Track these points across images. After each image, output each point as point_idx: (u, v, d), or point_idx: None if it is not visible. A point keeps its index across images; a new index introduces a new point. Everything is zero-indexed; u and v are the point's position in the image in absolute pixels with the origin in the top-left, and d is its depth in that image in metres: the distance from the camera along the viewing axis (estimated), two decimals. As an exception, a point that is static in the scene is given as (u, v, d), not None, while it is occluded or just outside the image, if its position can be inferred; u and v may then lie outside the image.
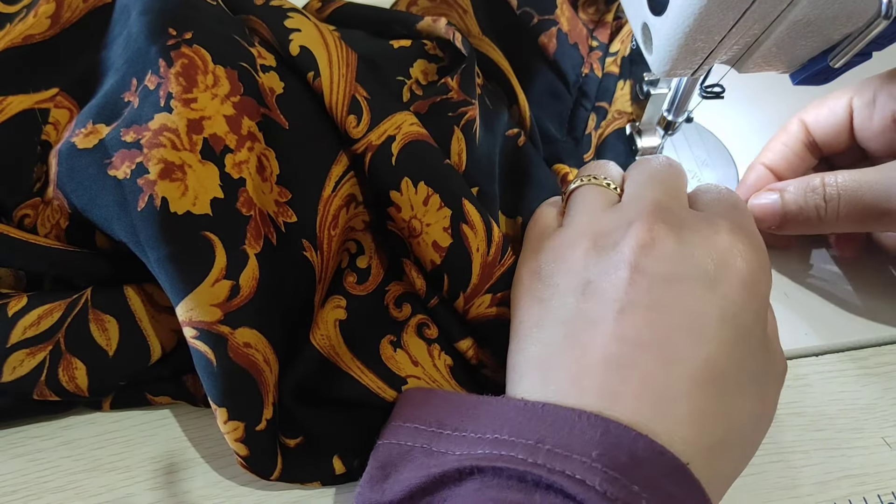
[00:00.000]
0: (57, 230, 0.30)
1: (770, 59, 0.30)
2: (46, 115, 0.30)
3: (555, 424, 0.24)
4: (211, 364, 0.26)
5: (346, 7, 0.38)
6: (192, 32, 0.29)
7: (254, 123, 0.29)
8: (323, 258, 0.30)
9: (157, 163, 0.26)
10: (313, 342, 0.30)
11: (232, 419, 0.26)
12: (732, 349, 0.25)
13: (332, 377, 0.30)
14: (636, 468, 0.22)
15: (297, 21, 0.32)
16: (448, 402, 0.28)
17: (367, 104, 0.30)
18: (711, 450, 0.24)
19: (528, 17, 0.39)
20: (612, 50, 0.41)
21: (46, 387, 0.28)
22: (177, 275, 0.26)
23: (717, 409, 0.25)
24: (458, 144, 0.33)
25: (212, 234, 0.26)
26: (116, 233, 0.27)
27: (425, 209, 0.30)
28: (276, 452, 0.28)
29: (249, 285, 0.27)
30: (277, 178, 0.29)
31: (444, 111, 0.33)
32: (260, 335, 0.27)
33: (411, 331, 0.32)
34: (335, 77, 0.30)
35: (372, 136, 0.30)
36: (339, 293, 0.31)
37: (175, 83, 0.27)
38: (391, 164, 0.30)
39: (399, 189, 0.30)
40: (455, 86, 0.33)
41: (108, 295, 0.29)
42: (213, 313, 0.26)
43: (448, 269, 0.30)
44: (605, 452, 0.22)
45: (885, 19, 0.25)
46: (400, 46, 0.34)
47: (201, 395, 0.31)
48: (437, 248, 0.30)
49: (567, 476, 0.22)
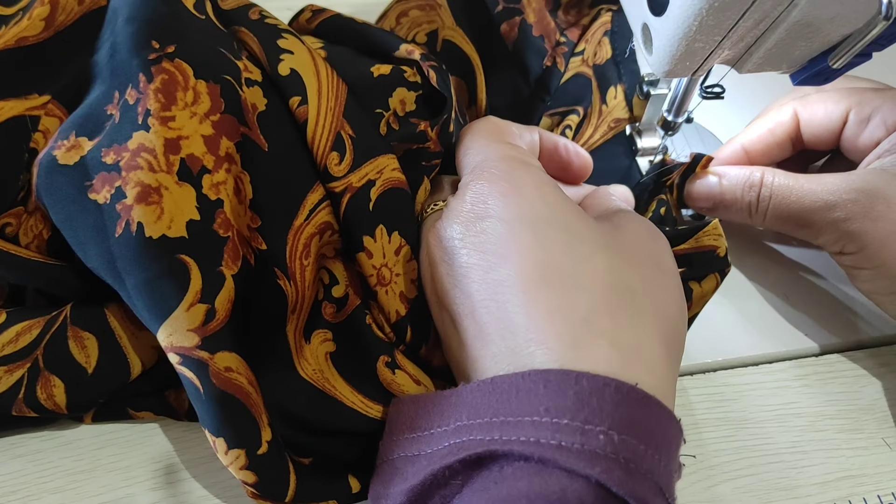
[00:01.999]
0: (39, 241, 0.29)
1: (770, 59, 0.30)
2: (37, 122, 0.30)
3: (503, 395, 0.24)
4: (198, 391, 0.25)
5: (335, 19, 0.37)
6: (175, 46, 0.28)
7: (232, 144, 0.28)
8: (297, 288, 0.29)
9: (133, 186, 0.26)
10: (304, 376, 0.29)
11: (232, 448, 0.26)
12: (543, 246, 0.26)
13: (335, 412, 0.29)
14: (582, 407, 0.22)
15: (290, 43, 0.31)
16: (417, 406, 0.28)
17: (352, 143, 0.30)
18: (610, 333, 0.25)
19: (493, 3, 0.39)
20: (578, 49, 0.40)
21: (24, 404, 0.27)
22: (153, 300, 0.25)
23: (567, 300, 0.25)
24: (425, 194, 0.33)
25: (187, 257, 0.26)
26: (90, 257, 0.26)
27: (396, 259, 0.30)
28: (286, 473, 0.27)
29: (225, 308, 0.26)
30: (250, 203, 0.29)
31: (419, 159, 0.32)
32: (239, 359, 0.26)
33: (400, 354, 0.31)
34: (322, 109, 0.30)
35: (353, 178, 0.30)
36: (323, 327, 0.30)
37: (154, 100, 0.27)
38: (368, 209, 0.30)
39: (373, 235, 0.30)
40: (434, 136, 0.33)
41: (88, 312, 0.29)
42: (190, 338, 0.25)
43: (412, 322, 0.30)
44: (552, 404, 0.23)
45: (884, 20, 0.25)
46: (380, 75, 0.33)
47: (184, 410, 0.30)
48: (404, 300, 0.30)
49: (521, 441, 0.22)
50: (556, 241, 0.27)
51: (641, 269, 0.28)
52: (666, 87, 0.38)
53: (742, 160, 0.38)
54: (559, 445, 0.22)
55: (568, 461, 0.22)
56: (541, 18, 0.40)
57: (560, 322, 0.25)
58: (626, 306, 0.26)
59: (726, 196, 0.36)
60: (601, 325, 0.25)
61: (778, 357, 0.36)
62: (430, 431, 0.26)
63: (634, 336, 0.25)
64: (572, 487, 0.21)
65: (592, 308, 0.25)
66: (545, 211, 0.27)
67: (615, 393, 0.23)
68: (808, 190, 0.34)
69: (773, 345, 0.36)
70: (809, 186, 0.34)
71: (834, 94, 0.36)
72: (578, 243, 0.27)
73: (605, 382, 0.23)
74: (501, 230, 0.27)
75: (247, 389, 0.26)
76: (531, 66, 0.39)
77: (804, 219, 0.34)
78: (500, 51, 0.39)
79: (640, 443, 0.22)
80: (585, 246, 0.27)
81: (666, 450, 0.23)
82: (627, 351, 0.25)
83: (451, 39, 0.39)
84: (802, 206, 0.34)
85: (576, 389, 0.23)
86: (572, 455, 0.22)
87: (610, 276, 0.26)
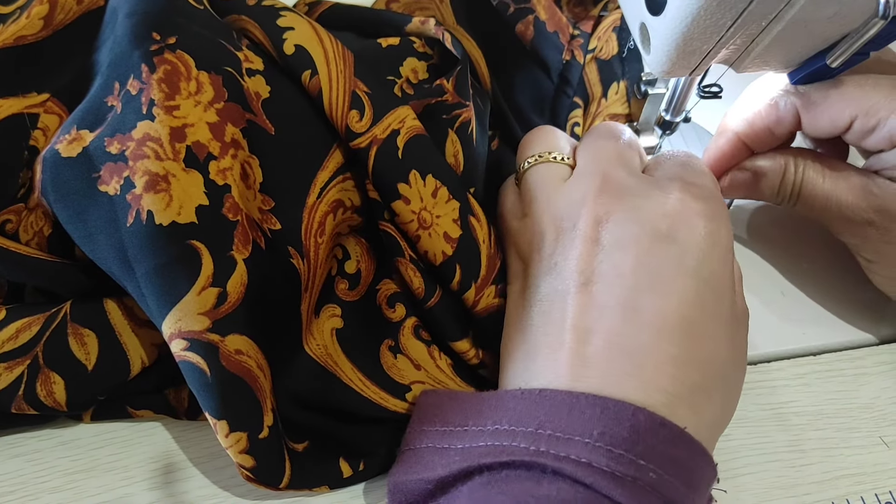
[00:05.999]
0: (39, 238, 0.29)
1: (768, 58, 0.30)
2: (36, 120, 0.30)
3: (552, 409, 0.24)
4: (204, 375, 0.25)
5: (335, 8, 0.38)
6: (176, 37, 0.28)
7: (238, 130, 0.28)
8: (309, 266, 0.30)
9: (141, 175, 0.26)
10: (308, 352, 0.29)
11: (234, 431, 0.26)
12: (696, 297, 0.26)
13: (332, 388, 0.30)
14: (638, 441, 0.23)
15: (290, 19, 0.31)
16: (452, 401, 0.28)
17: (369, 99, 0.30)
18: (692, 395, 0.25)
19: (504, 6, 0.39)
20: (590, 47, 0.40)
21: (24, 401, 0.27)
22: (164, 287, 0.25)
23: (689, 355, 0.25)
24: (454, 146, 0.33)
25: (198, 242, 0.26)
26: (99, 249, 0.27)
27: (434, 201, 0.30)
28: (282, 460, 0.27)
29: (237, 291, 0.26)
30: (261, 186, 0.29)
31: (439, 113, 0.33)
32: (250, 341, 0.26)
33: (408, 332, 0.31)
34: (334, 73, 0.30)
35: (376, 130, 0.30)
36: (333, 302, 0.31)
37: (157, 90, 0.27)
38: (398, 156, 0.30)
39: (407, 181, 0.30)
40: (450, 88, 0.33)
41: (88, 308, 0.29)
42: (201, 322, 0.25)
43: (460, 260, 0.30)
44: (606, 431, 0.23)
45: (882, 19, 0.25)
46: (389, 45, 0.34)
47: (184, 409, 0.30)
48: (449, 240, 0.30)
49: (573, 461, 0.22)
50: (709, 310, 0.27)
51: (741, 359, 0.29)
52: (664, 86, 0.38)
53: (744, 154, 0.36)
54: (613, 475, 0.22)
55: (619, 493, 0.22)
56: (552, 14, 0.40)
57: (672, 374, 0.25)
58: (724, 399, 0.27)
59: (764, 193, 0.36)
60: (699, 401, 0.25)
61: (776, 356, 0.36)
62: (463, 428, 0.26)
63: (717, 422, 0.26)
64: None
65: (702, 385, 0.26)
66: (718, 273, 0.27)
67: (669, 433, 0.23)
68: (830, 195, 0.33)
69: (771, 344, 0.36)
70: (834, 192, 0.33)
71: (839, 99, 0.32)
72: (718, 320, 0.27)
73: (661, 423, 0.23)
74: (673, 266, 0.27)
75: (255, 373, 0.26)
76: (551, 61, 0.39)
77: (824, 219, 0.34)
78: (517, 50, 0.40)
79: (682, 484, 0.23)
80: (719, 326, 0.27)
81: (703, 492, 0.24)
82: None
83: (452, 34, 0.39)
84: (825, 208, 0.34)
85: (633, 422, 0.23)
86: (625, 487, 0.22)
87: (722, 366, 0.27)
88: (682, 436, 0.24)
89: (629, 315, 0.26)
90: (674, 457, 0.23)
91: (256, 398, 0.26)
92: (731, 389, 0.28)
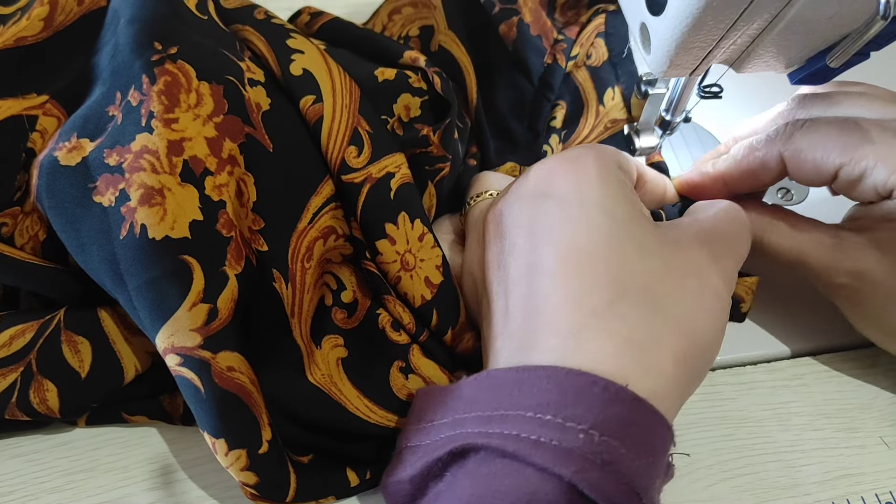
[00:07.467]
0: (34, 242, 0.29)
1: (768, 58, 0.30)
2: (34, 122, 0.30)
3: (500, 388, 0.24)
4: (199, 392, 0.25)
5: (335, 22, 0.38)
6: (177, 47, 0.28)
7: (235, 146, 0.28)
8: (294, 290, 0.29)
9: (137, 188, 0.26)
10: (312, 381, 0.29)
11: (233, 448, 0.25)
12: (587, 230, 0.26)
13: (338, 417, 0.29)
14: (567, 404, 0.22)
15: (300, 42, 0.31)
16: (427, 397, 0.28)
17: (370, 138, 0.31)
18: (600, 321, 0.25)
19: (490, 4, 0.40)
20: (573, 53, 0.40)
21: (17, 408, 0.27)
22: (155, 301, 0.25)
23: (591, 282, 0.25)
24: (430, 199, 0.34)
25: (190, 258, 0.26)
26: (91, 260, 0.26)
27: (420, 245, 0.31)
28: (286, 473, 0.27)
29: (228, 307, 0.26)
30: (253, 206, 0.29)
31: (423, 164, 0.33)
32: (241, 358, 0.26)
33: (418, 352, 0.31)
34: (338, 106, 0.30)
35: (372, 169, 0.30)
36: (333, 332, 0.30)
37: (157, 102, 0.27)
38: (390, 197, 0.30)
39: (395, 222, 0.30)
40: (436, 141, 0.33)
41: (81, 316, 0.29)
42: (193, 338, 0.25)
43: (438, 305, 0.31)
44: (543, 399, 0.23)
45: (882, 20, 0.25)
46: (384, 80, 0.33)
47: (179, 415, 0.30)
48: (429, 285, 0.30)
49: (504, 436, 0.22)
50: (603, 232, 0.26)
51: (683, 281, 0.27)
52: (664, 86, 0.38)
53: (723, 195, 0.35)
54: (537, 441, 0.22)
55: (543, 459, 0.21)
56: (537, 18, 0.40)
57: (571, 309, 0.25)
58: (647, 311, 0.25)
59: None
60: (611, 321, 0.25)
61: (776, 356, 0.36)
62: (431, 423, 0.26)
63: (644, 340, 0.25)
64: (544, 490, 0.21)
65: (609, 302, 0.25)
66: (603, 200, 0.27)
67: (602, 392, 0.22)
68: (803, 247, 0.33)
69: (771, 344, 0.36)
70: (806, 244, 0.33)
71: (825, 143, 0.31)
72: (626, 239, 0.26)
73: (593, 381, 0.23)
74: (556, 213, 0.27)
75: (248, 389, 0.26)
76: (533, 64, 0.39)
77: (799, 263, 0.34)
78: (500, 52, 0.39)
79: (621, 445, 0.22)
80: (631, 244, 0.26)
81: (650, 453, 0.22)
82: (630, 351, 0.24)
83: (443, 45, 0.39)
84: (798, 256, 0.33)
85: (563, 386, 0.23)
86: (548, 452, 0.21)
87: (644, 277, 0.26)
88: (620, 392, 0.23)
89: (532, 274, 0.26)
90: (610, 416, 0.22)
91: (252, 414, 0.26)
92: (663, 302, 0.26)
